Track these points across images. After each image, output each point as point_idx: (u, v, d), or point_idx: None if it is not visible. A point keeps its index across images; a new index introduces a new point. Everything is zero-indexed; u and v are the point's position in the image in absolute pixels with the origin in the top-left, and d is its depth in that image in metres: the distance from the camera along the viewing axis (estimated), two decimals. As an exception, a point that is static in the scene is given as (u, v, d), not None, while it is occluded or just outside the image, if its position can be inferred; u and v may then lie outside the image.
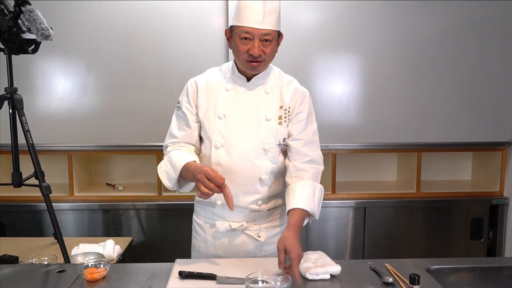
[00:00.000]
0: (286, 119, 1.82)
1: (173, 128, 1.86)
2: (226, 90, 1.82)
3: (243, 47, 1.71)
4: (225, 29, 1.82)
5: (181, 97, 1.87)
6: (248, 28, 1.68)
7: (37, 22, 2.02)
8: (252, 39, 1.69)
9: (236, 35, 1.72)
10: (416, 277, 1.45)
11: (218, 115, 1.79)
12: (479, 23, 2.97)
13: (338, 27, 2.93)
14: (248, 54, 1.70)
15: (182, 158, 1.70)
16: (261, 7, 1.67)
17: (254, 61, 1.72)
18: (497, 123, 3.08)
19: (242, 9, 1.69)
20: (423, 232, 3.16)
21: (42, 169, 2.23)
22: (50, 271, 1.68)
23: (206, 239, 1.89)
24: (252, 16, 1.67)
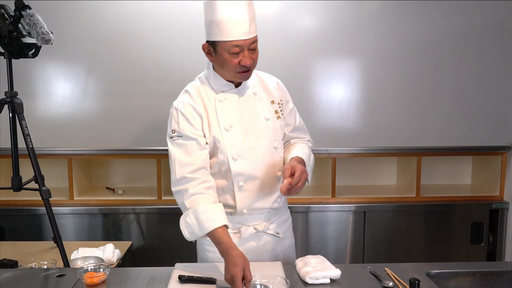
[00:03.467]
0: (282, 112, 1.87)
1: (180, 157, 1.72)
2: (220, 101, 1.78)
3: (234, 60, 1.67)
4: (203, 44, 1.74)
5: (176, 125, 1.75)
6: (238, 42, 1.64)
7: (38, 26, 2.02)
8: (242, 50, 1.66)
9: (223, 50, 1.66)
10: (416, 281, 1.45)
11: (225, 127, 1.76)
12: (479, 27, 2.98)
13: (337, 31, 2.94)
14: (240, 66, 1.68)
15: (212, 220, 1.64)
16: (246, 17, 1.65)
17: (246, 71, 1.71)
18: (497, 127, 3.08)
19: (225, 24, 1.63)
20: (423, 236, 3.16)
21: (42, 173, 2.22)
22: (50, 276, 1.68)
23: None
24: (239, 29, 1.64)
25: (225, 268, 1.52)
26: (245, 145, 1.77)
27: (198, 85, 1.83)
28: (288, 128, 1.94)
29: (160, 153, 3.04)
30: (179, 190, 1.71)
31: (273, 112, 1.84)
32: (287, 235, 1.96)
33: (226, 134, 1.76)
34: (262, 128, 1.81)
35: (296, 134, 1.98)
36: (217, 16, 1.63)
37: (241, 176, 1.78)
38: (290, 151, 1.84)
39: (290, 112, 1.94)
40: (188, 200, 1.68)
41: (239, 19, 1.63)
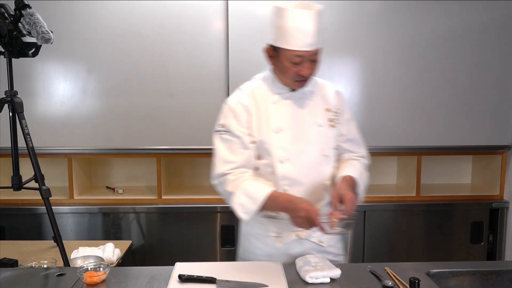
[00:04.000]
0: (337, 121, 1.84)
1: (224, 154, 1.75)
2: (274, 103, 1.77)
3: (293, 69, 1.67)
4: (266, 47, 1.73)
5: (224, 120, 1.77)
6: (300, 52, 1.63)
7: (38, 26, 2.02)
8: (302, 61, 1.65)
9: (284, 57, 1.66)
10: (416, 281, 1.45)
11: (274, 130, 1.74)
12: (479, 27, 2.98)
13: (337, 31, 2.94)
14: (298, 75, 1.68)
15: (260, 188, 1.67)
16: (312, 29, 1.62)
17: (303, 81, 1.71)
18: (497, 127, 3.08)
19: (291, 33, 1.61)
20: (423, 235, 3.16)
21: (42, 173, 2.22)
22: (50, 275, 1.68)
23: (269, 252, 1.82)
24: (303, 40, 1.62)
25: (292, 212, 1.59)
26: (294, 149, 1.75)
27: (254, 84, 1.82)
28: (341, 138, 1.88)
29: (160, 152, 3.04)
30: (219, 182, 1.76)
31: (327, 119, 1.81)
32: (332, 244, 1.88)
33: (276, 137, 1.74)
34: (313, 135, 1.78)
35: (349, 146, 1.91)
36: (284, 24, 1.62)
37: (286, 180, 1.75)
38: (342, 169, 1.81)
39: (345, 123, 1.89)
40: (230, 185, 1.71)
41: (305, 30, 1.61)
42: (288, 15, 1.62)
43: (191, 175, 3.45)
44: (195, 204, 3.06)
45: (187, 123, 2.98)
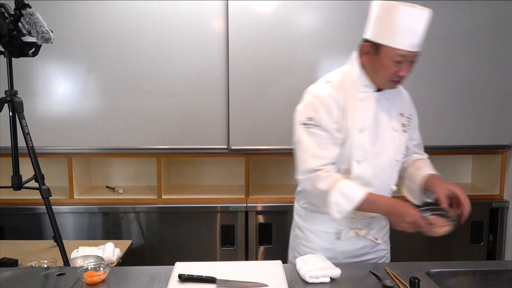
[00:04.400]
0: (409, 126, 1.84)
1: (313, 148, 1.68)
2: (360, 100, 1.72)
3: (393, 68, 1.63)
4: (363, 43, 1.70)
5: (314, 113, 1.70)
6: (404, 52, 1.60)
7: (38, 25, 2.02)
8: (403, 61, 1.62)
9: (386, 55, 1.62)
10: (416, 280, 1.45)
11: (358, 128, 1.71)
12: (480, 26, 2.98)
13: (338, 30, 2.94)
14: (396, 75, 1.65)
15: (357, 190, 1.66)
16: (422, 29, 1.60)
17: (397, 81, 1.68)
18: (497, 126, 3.08)
19: (401, 31, 1.58)
20: (422, 235, 3.14)
21: (42, 172, 2.22)
22: (50, 274, 1.68)
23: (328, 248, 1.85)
24: (411, 39, 1.60)
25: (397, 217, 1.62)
26: (372, 151, 1.73)
27: (342, 78, 1.76)
28: (412, 143, 1.91)
29: (160, 152, 3.04)
30: (308, 178, 1.69)
31: (400, 124, 1.81)
32: (385, 240, 1.96)
33: (358, 135, 1.71)
34: (389, 138, 1.77)
35: (417, 149, 1.95)
36: (395, 21, 1.58)
37: (359, 180, 1.73)
38: (422, 167, 1.83)
39: (416, 127, 1.92)
40: (323, 183, 1.66)
41: (416, 30, 1.59)
42: (400, 13, 1.58)
43: (191, 175, 3.45)
44: (195, 204, 3.06)
45: (187, 123, 2.98)
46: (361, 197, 1.64)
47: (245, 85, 2.94)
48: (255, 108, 2.97)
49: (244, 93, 2.95)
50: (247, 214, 3.03)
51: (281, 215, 3.05)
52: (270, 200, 3.09)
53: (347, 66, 1.80)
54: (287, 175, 3.47)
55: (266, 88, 2.96)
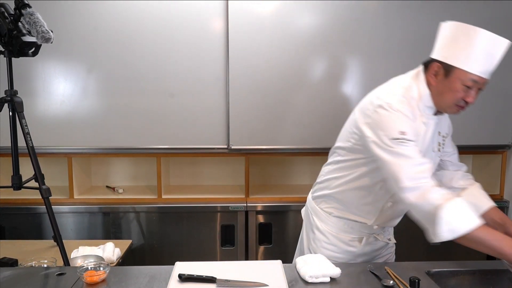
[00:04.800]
0: (442, 146, 1.83)
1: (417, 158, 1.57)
2: (423, 123, 1.67)
3: (461, 93, 1.58)
4: (434, 64, 1.64)
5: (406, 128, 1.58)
6: (477, 78, 1.55)
7: (38, 25, 2.02)
8: (473, 87, 1.57)
9: (457, 79, 1.57)
10: (416, 280, 1.45)
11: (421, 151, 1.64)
12: (479, 25, 2.96)
13: (338, 30, 2.93)
14: (462, 101, 1.60)
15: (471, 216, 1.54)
16: (499, 57, 1.56)
17: (462, 107, 1.63)
18: (497, 126, 3.08)
19: (478, 55, 1.54)
20: (422, 235, 3.14)
21: (42, 172, 2.22)
22: (50, 274, 1.68)
23: (349, 251, 1.89)
24: (487, 66, 1.56)
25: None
26: None
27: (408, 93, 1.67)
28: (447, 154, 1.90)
29: (160, 152, 3.04)
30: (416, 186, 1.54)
31: (437, 143, 1.79)
32: (393, 240, 2.06)
33: None
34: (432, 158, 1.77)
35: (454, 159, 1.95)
36: (474, 45, 1.54)
37: (394, 198, 1.74)
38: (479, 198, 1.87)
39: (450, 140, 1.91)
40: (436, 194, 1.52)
41: (493, 56, 1.56)
42: (480, 37, 1.55)
43: (191, 175, 3.45)
44: (195, 204, 3.06)
45: (187, 122, 2.98)
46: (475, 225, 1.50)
47: (245, 85, 2.94)
48: (255, 108, 2.97)
49: (244, 93, 2.95)
50: (247, 214, 3.03)
51: (281, 215, 3.06)
52: (270, 200, 3.09)
53: (408, 80, 1.72)
54: (287, 175, 3.47)
55: (266, 88, 2.95)
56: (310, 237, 1.99)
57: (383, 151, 1.59)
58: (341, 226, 1.89)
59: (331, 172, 1.90)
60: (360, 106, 1.82)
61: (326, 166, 1.96)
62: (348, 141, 1.81)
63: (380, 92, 1.74)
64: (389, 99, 1.64)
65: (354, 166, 1.79)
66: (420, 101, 1.66)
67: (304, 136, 3.00)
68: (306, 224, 2.04)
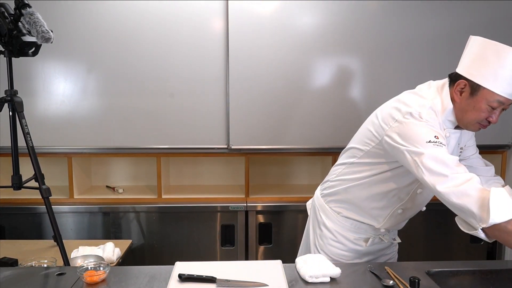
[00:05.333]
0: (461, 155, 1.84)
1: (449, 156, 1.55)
2: (446, 136, 1.66)
3: (486, 113, 1.58)
4: (461, 81, 1.62)
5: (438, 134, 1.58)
6: (503, 99, 1.55)
7: (38, 25, 2.02)
8: (497, 108, 1.57)
9: (483, 99, 1.56)
10: (416, 280, 1.45)
11: None
12: (479, 26, 2.98)
13: (338, 30, 2.94)
14: (486, 120, 1.61)
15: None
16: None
17: (485, 126, 1.63)
18: (497, 126, 3.02)
19: (508, 75, 1.52)
20: (423, 235, 3.16)
21: (42, 172, 2.22)
22: (50, 274, 1.68)
23: (356, 249, 1.93)
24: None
25: None
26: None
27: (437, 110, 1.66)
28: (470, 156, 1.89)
29: (160, 152, 3.05)
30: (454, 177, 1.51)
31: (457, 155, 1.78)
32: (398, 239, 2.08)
33: None
34: None
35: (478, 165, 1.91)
36: (504, 66, 1.53)
37: (405, 205, 1.82)
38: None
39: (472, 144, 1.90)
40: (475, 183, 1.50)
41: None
42: (508, 57, 1.53)
43: (191, 175, 3.45)
44: (195, 204, 3.06)
45: (187, 122, 2.98)
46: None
47: (245, 84, 2.94)
48: (255, 108, 2.97)
49: (244, 92, 2.95)
50: (247, 213, 3.03)
51: (281, 215, 3.06)
52: (270, 200, 3.09)
53: (433, 92, 1.71)
54: (287, 175, 3.48)
55: (266, 88, 2.95)
56: (317, 233, 2.01)
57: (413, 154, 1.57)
58: (349, 226, 1.92)
59: (345, 173, 1.90)
60: (384, 111, 1.79)
61: (338, 166, 1.96)
62: (366, 144, 1.80)
63: (409, 100, 1.70)
64: (419, 109, 1.63)
65: (372, 170, 1.79)
66: (443, 115, 1.66)
67: (304, 136, 3.00)
68: (313, 219, 2.05)
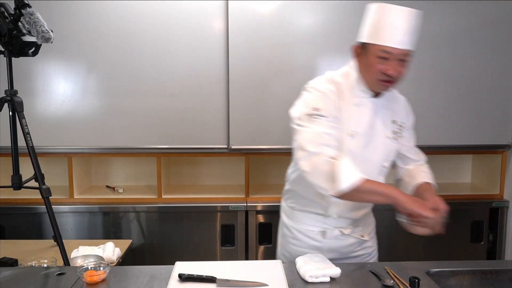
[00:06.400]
0: (399, 134, 1.84)
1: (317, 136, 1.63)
2: (356, 105, 1.73)
3: (379, 66, 1.64)
4: (354, 46, 1.74)
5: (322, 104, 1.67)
6: (388, 48, 1.61)
7: (38, 25, 2.02)
8: (390, 59, 1.63)
9: (371, 54, 1.65)
10: (416, 280, 1.45)
11: (349, 132, 1.72)
12: (479, 26, 2.98)
13: (338, 30, 2.93)
14: (383, 74, 1.65)
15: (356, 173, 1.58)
16: (405, 26, 1.62)
17: (388, 81, 1.67)
18: (497, 126, 3.08)
19: (382, 27, 1.62)
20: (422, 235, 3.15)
21: (42, 172, 2.22)
22: (50, 274, 1.68)
23: (314, 245, 1.89)
24: (394, 35, 1.61)
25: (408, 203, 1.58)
26: (361, 156, 1.74)
27: (340, 80, 1.75)
28: (404, 147, 1.89)
29: (160, 152, 3.05)
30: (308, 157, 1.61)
31: (392, 131, 1.81)
32: (372, 236, 2.01)
33: (349, 140, 1.72)
34: (380, 144, 1.78)
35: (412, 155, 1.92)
36: (379, 19, 1.63)
37: None
38: (415, 175, 1.83)
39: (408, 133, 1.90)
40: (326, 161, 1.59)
41: (397, 26, 1.61)
42: (384, 11, 1.63)
43: (191, 175, 3.45)
44: (195, 204, 3.06)
45: (187, 122, 2.98)
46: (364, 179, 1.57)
47: (245, 84, 2.94)
48: (255, 108, 2.97)
49: (244, 92, 2.95)
50: (247, 213, 3.03)
51: (281, 215, 3.06)
52: (270, 199, 3.09)
53: (346, 68, 1.81)
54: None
55: (266, 87, 2.96)
56: (279, 234, 2.04)
57: (296, 126, 1.68)
58: (304, 220, 1.91)
59: (291, 166, 1.97)
60: None
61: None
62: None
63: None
64: (314, 83, 1.77)
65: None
66: (355, 85, 1.74)
67: (304, 136, 3.00)
68: (280, 222, 2.08)
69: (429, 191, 1.76)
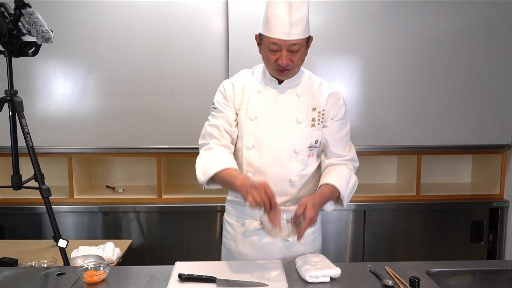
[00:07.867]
0: (319, 121, 1.84)
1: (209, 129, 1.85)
2: (258, 92, 1.83)
3: (271, 56, 1.73)
4: (255, 35, 1.81)
5: (217, 97, 1.89)
6: (275, 40, 1.69)
7: (38, 25, 2.02)
8: (280, 49, 1.70)
9: (264, 45, 1.74)
10: (416, 280, 1.45)
11: (250, 116, 1.80)
12: (479, 26, 2.98)
13: (337, 30, 2.94)
14: (277, 64, 1.73)
15: (226, 162, 1.71)
16: (287, 18, 1.66)
17: (282, 70, 1.75)
18: (497, 126, 3.08)
19: (269, 20, 1.69)
20: (423, 235, 3.16)
21: (42, 172, 2.22)
22: (50, 274, 1.68)
23: (236, 237, 1.90)
24: (279, 28, 1.67)
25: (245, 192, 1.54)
26: (263, 138, 1.79)
27: (247, 72, 1.91)
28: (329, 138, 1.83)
29: (160, 152, 3.04)
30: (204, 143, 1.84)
31: (309, 118, 1.82)
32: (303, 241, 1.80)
33: (249, 123, 1.80)
34: (289, 129, 1.79)
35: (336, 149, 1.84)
36: (268, 11, 1.70)
37: (250, 167, 1.80)
38: (325, 176, 1.79)
39: (334, 123, 1.85)
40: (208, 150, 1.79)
41: (281, 19, 1.66)
42: (269, 4, 1.70)
43: (191, 175, 3.43)
44: (195, 204, 3.06)
45: (187, 122, 2.98)
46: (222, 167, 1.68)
47: (245, 84, 2.94)
48: (255, 108, 2.96)
49: (244, 92, 2.94)
50: (247, 213, 3.03)
51: (281, 215, 3.05)
52: (270, 199, 3.08)
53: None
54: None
55: (266, 87, 2.95)
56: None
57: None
58: (230, 210, 1.94)
59: None
60: None
61: None
62: None
63: None
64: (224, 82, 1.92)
65: None
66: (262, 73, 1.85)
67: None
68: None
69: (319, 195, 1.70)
